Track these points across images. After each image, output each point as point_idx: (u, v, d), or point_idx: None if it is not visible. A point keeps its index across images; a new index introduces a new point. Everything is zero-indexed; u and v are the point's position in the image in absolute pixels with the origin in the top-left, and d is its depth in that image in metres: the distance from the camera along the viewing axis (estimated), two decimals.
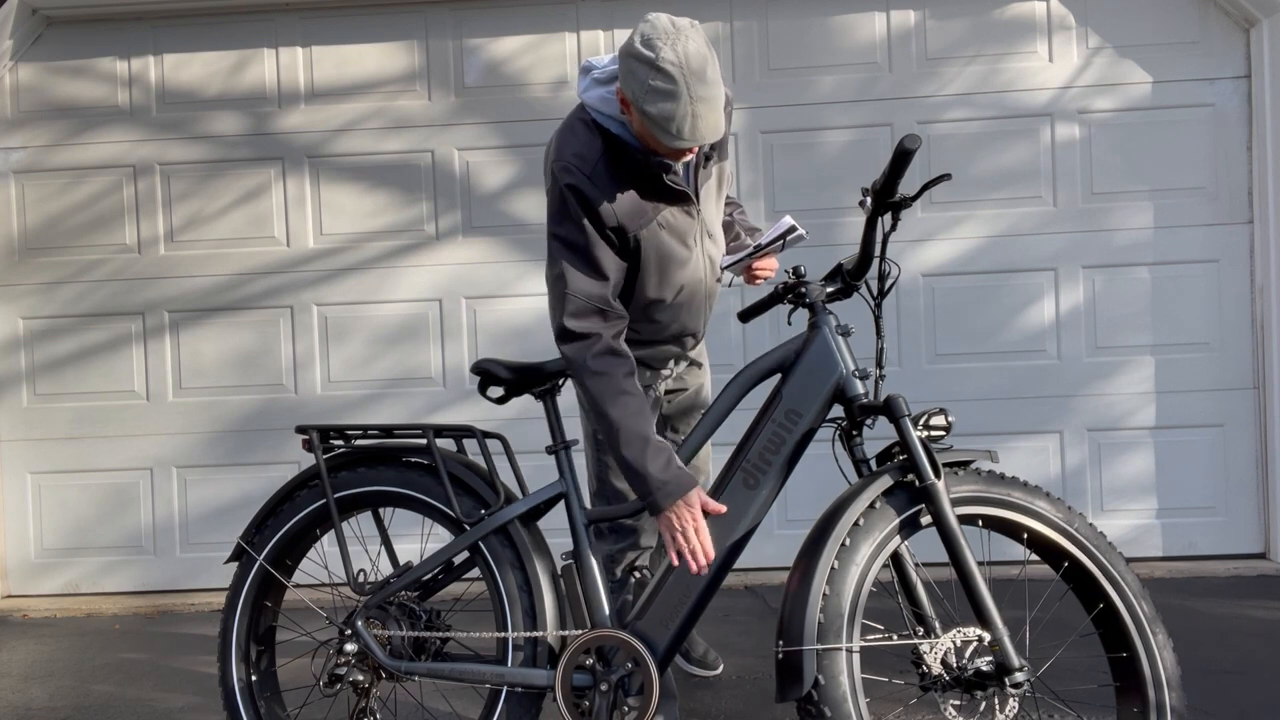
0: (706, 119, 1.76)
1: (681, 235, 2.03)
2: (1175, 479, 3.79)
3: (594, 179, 1.90)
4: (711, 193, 2.13)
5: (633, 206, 1.94)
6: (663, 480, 1.84)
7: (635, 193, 1.94)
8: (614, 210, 1.91)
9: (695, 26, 1.78)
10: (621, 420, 1.87)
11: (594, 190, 1.90)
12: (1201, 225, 3.77)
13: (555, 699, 1.90)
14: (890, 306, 3.73)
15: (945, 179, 1.81)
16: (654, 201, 1.97)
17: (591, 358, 1.91)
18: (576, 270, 1.93)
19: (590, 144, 1.93)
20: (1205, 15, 3.75)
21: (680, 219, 2.02)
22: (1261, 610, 3.18)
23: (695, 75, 1.73)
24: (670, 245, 2.02)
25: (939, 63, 3.82)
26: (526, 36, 3.87)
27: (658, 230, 1.98)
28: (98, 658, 3.20)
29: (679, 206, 2.01)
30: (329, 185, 3.91)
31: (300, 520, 2.09)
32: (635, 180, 1.94)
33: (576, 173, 1.90)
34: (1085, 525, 1.81)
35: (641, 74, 1.74)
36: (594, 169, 1.90)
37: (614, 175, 1.91)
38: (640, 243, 1.97)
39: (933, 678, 1.74)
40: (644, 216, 1.95)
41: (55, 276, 3.92)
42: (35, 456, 3.93)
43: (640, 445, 1.86)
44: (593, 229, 1.91)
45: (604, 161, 1.91)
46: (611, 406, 1.88)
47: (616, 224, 1.93)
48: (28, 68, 3.91)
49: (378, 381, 3.91)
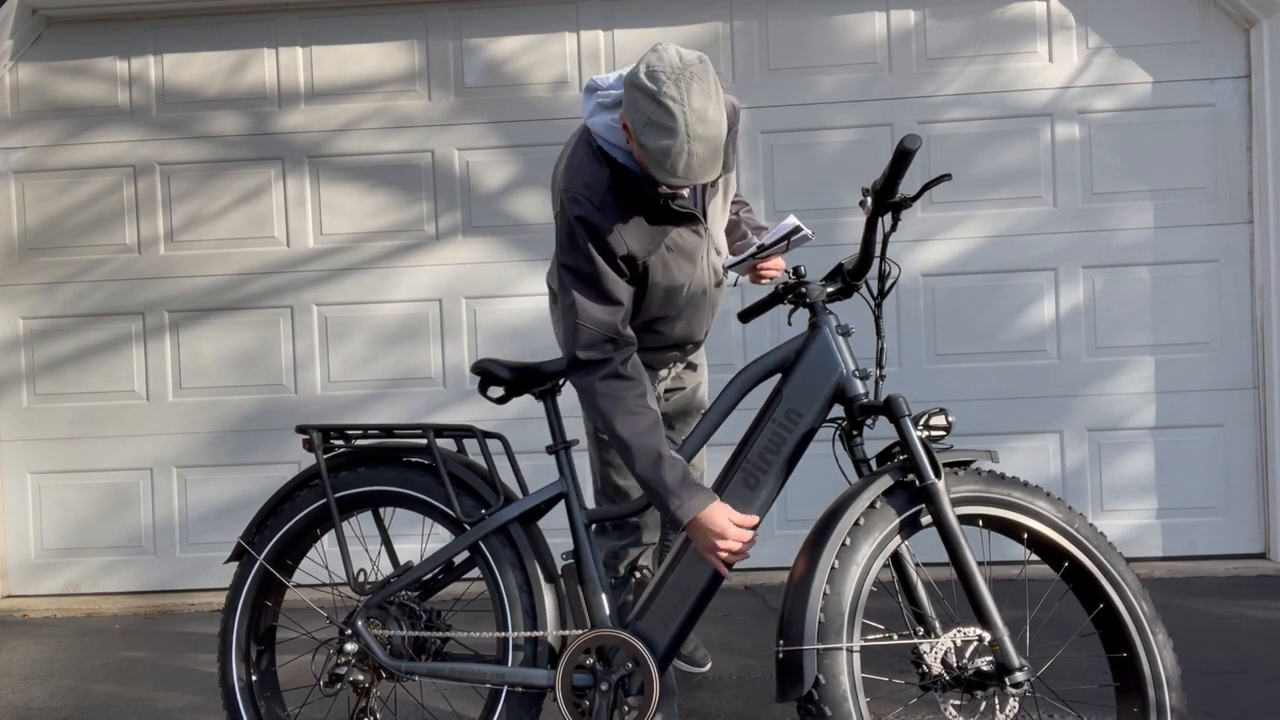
0: (702, 159, 1.74)
1: (690, 254, 2.03)
2: (1175, 479, 3.79)
3: (602, 209, 1.89)
4: (718, 207, 2.13)
5: (641, 234, 1.93)
6: (678, 494, 1.83)
7: (643, 219, 1.93)
8: (623, 240, 1.90)
9: (704, 62, 1.76)
10: (633, 439, 1.88)
11: (603, 220, 1.89)
12: (1201, 225, 3.77)
13: (555, 699, 1.90)
14: (890, 306, 3.73)
15: (945, 179, 1.81)
16: (661, 225, 1.96)
17: (599, 381, 1.92)
18: (588, 300, 1.92)
19: (598, 174, 1.91)
20: (1205, 15, 3.75)
21: (688, 239, 2.01)
22: (1261, 610, 3.18)
23: (696, 115, 1.70)
24: (678, 266, 2.01)
25: (939, 63, 3.82)
26: (526, 36, 3.87)
27: (666, 254, 1.98)
28: (98, 658, 3.20)
29: (687, 227, 2.00)
30: (329, 185, 3.91)
31: (300, 520, 2.09)
32: (643, 207, 1.92)
33: (585, 204, 1.89)
34: (1085, 525, 1.81)
35: (643, 106, 1.73)
36: (602, 199, 1.89)
37: (621, 204, 1.90)
38: (649, 269, 1.97)
39: (933, 678, 1.74)
40: (653, 243, 1.95)
41: (55, 276, 3.92)
42: (35, 456, 3.93)
43: (654, 461, 1.86)
44: (602, 259, 1.90)
45: (611, 192, 1.90)
46: (622, 426, 1.89)
47: (626, 253, 1.92)
48: (28, 68, 3.91)
49: (378, 381, 3.91)
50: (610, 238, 1.89)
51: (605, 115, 1.91)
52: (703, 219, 2.03)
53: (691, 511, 1.82)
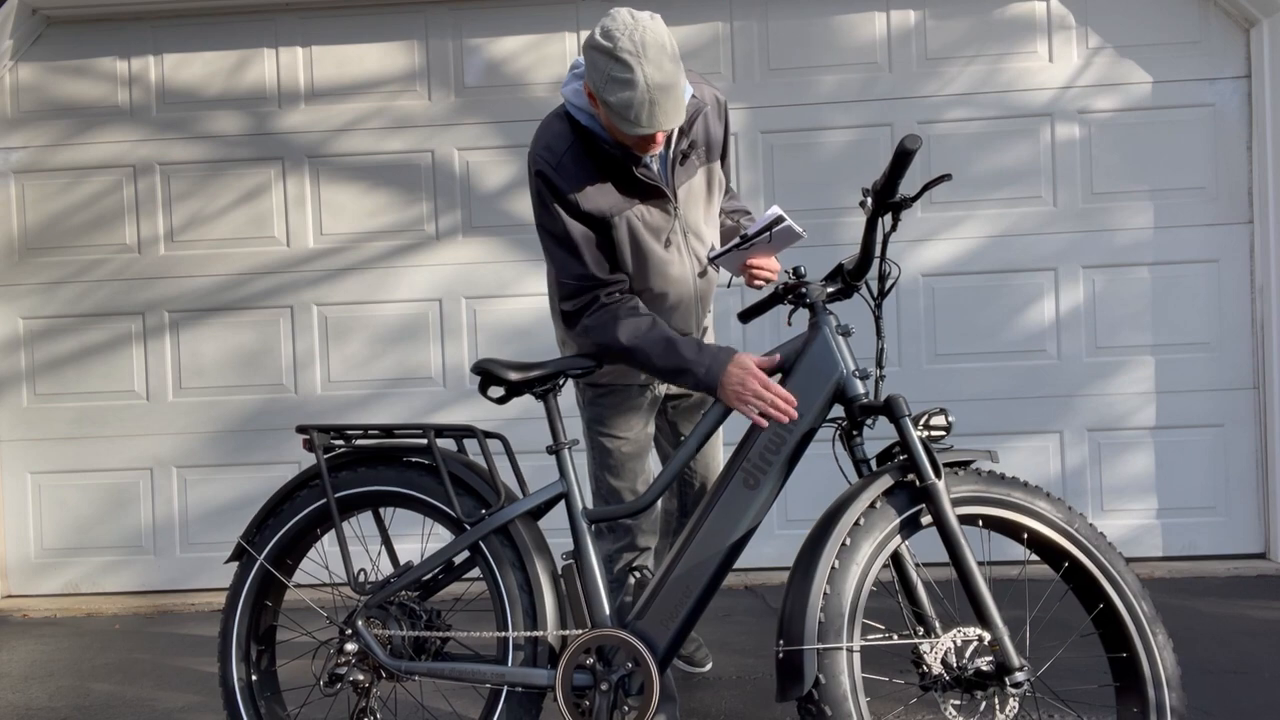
0: (664, 106, 1.81)
1: (656, 232, 2.07)
2: (1175, 479, 3.79)
3: (559, 169, 1.98)
4: (698, 195, 2.15)
5: (605, 195, 2.01)
6: (701, 361, 1.92)
7: (607, 184, 2.01)
8: (581, 198, 1.99)
9: (655, 18, 1.85)
10: (637, 340, 1.97)
11: (560, 179, 1.98)
12: (1201, 225, 3.77)
13: (555, 699, 1.90)
14: (890, 306, 3.72)
15: (945, 179, 1.81)
16: (628, 196, 2.03)
17: (588, 318, 2.03)
18: (561, 254, 2.03)
19: (560, 135, 2.01)
20: (1205, 15, 3.75)
21: (656, 216, 2.07)
22: (1261, 610, 3.19)
23: (652, 64, 1.79)
24: (646, 240, 2.07)
25: (939, 63, 3.82)
26: (526, 36, 3.87)
27: (633, 221, 2.04)
28: (98, 658, 3.20)
29: (655, 204, 2.06)
30: (329, 185, 3.91)
31: (301, 520, 2.08)
32: (606, 172, 2.01)
33: (543, 162, 1.99)
34: (1085, 525, 1.81)
35: (601, 65, 1.82)
36: (560, 159, 1.99)
37: (582, 165, 1.99)
38: (614, 230, 2.03)
39: (933, 677, 1.74)
40: (614, 206, 2.02)
41: (55, 276, 3.92)
42: (35, 456, 3.93)
43: (665, 346, 1.95)
44: (566, 214, 2.00)
45: (571, 152, 1.99)
46: (624, 336, 1.97)
47: (591, 209, 2.00)
48: (28, 68, 3.91)
49: (378, 381, 3.91)
50: (572, 195, 1.98)
51: (575, 83, 1.99)
52: (672, 197, 2.07)
53: (717, 371, 1.90)
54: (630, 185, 2.01)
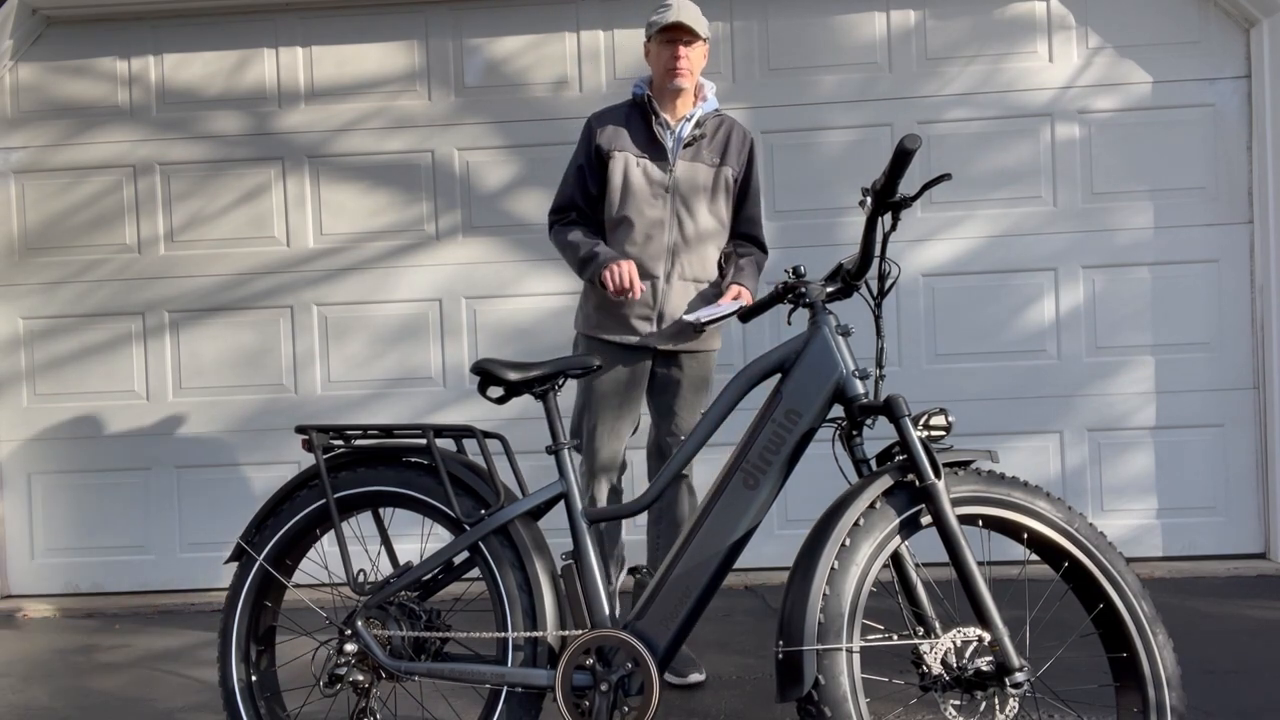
0: (686, 11, 2.56)
1: (649, 178, 2.64)
2: (1175, 479, 3.79)
3: (599, 117, 2.71)
4: (700, 184, 2.66)
5: (616, 137, 2.65)
6: (596, 254, 2.58)
7: (627, 132, 2.66)
8: (601, 132, 2.66)
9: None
10: (567, 245, 2.67)
11: (595, 123, 2.70)
12: (1201, 225, 3.77)
13: (555, 699, 1.90)
14: (890, 306, 3.73)
15: (945, 179, 1.81)
16: (637, 148, 2.65)
17: (553, 233, 2.75)
18: (569, 173, 2.72)
19: (619, 104, 2.74)
20: (1205, 15, 3.75)
21: (652, 168, 2.65)
22: (1261, 610, 3.18)
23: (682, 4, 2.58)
24: (636, 179, 2.63)
25: (939, 63, 3.82)
26: (526, 36, 3.87)
27: (630, 164, 2.64)
28: (98, 658, 3.20)
29: (655, 161, 2.65)
30: (329, 185, 3.91)
31: (300, 520, 2.08)
32: (630, 126, 2.67)
33: (593, 114, 2.74)
34: (1085, 525, 1.81)
35: (650, 16, 2.62)
36: (603, 113, 2.72)
37: (615, 117, 2.69)
38: (612, 162, 2.64)
39: (933, 678, 1.74)
40: (620, 147, 2.64)
41: (55, 276, 3.92)
42: (35, 456, 3.93)
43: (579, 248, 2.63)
44: (582, 149, 2.69)
45: (614, 111, 2.71)
46: (559, 241, 2.71)
47: (599, 143, 2.65)
48: (28, 68, 3.91)
49: (378, 381, 3.91)
50: (594, 131, 2.68)
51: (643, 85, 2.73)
52: (670, 160, 2.63)
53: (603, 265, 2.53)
54: (644, 141, 2.65)
